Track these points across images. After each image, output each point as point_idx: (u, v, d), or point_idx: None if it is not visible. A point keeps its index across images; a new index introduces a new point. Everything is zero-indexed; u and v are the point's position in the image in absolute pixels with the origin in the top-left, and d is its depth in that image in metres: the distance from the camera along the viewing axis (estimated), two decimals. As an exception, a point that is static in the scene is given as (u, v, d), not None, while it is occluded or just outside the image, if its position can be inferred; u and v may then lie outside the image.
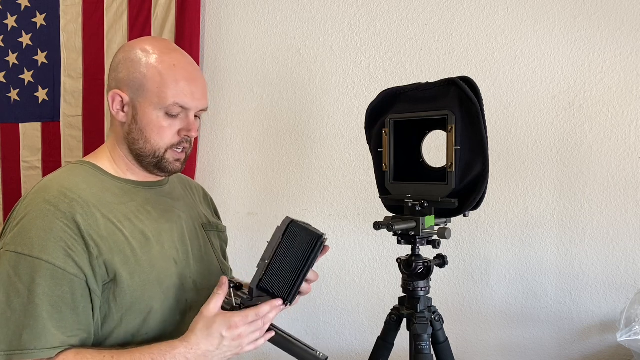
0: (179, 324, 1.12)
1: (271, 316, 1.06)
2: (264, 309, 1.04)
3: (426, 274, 1.31)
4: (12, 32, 2.41)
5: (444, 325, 1.34)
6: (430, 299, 1.34)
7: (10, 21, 2.41)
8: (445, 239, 1.24)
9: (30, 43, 2.39)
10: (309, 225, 1.08)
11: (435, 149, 1.37)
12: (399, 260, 1.34)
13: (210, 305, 1.04)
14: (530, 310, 1.79)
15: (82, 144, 2.31)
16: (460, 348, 1.80)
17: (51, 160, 2.36)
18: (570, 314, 1.75)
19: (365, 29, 1.96)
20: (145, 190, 1.19)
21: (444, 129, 1.24)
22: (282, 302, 1.07)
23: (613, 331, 1.63)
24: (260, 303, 1.05)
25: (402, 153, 1.34)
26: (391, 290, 1.89)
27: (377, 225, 1.24)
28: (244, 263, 1.79)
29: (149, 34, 2.19)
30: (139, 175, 1.19)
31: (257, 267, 1.07)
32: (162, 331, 1.10)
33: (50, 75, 2.36)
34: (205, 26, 2.18)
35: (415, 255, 1.31)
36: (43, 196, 1.05)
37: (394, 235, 1.30)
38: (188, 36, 2.13)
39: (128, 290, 1.05)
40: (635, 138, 1.67)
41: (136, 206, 1.14)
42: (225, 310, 1.05)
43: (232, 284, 1.04)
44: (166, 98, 1.10)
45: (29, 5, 2.38)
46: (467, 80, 1.22)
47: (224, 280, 1.07)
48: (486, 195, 1.24)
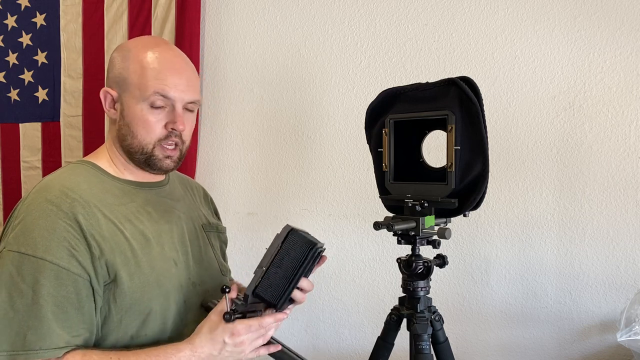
0: (178, 326, 1.12)
1: (274, 326, 1.07)
2: (268, 320, 1.06)
3: (426, 274, 1.31)
4: (12, 32, 2.41)
5: (444, 325, 1.35)
6: (430, 299, 1.34)
7: (10, 21, 2.41)
8: (445, 239, 1.24)
9: (30, 43, 2.39)
10: (308, 234, 1.07)
11: (435, 149, 1.37)
12: (399, 260, 1.34)
13: (218, 310, 1.05)
14: (530, 310, 1.79)
15: (82, 144, 2.31)
16: (460, 348, 1.80)
17: (51, 160, 2.37)
18: (570, 314, 1.75)
19: (365, 29, 1.96)
20: (146, 191, 1.19)
21: (444, 129, 1.24)
22: (275, 309, 1.07)
23: (613, 331, 1.63)
24: (255, 309, 1.06)
25: (402, 153, 1.34)
26: (391, 290, 1.89)
27: (377, 225, 1.24)
28: (243, 263, 1.79)
29: (149, 34, 2.18)
30: (137, 174, 1.18)
31: (254, 274, 1.07)
32: (161, 332, 1.10)
33: (50, 75, 2.36)
34: (205, 26, 2.18)
35: (415, 255, 1.31)
36: (45, 196, 1.05)
37: (394, 235, 1.31)
38: (188, 36, 2.13)
39: (128, 291, 1.05)
40: (635, 138, 1.68)
41: (136, 207, 1.14)
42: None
43: (227, 289, 1.05)
44: (146, 88, 1.08)
45: (29, 5, 2.38)
46: (467, 80, 1.22)
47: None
48: (486, 195, 1.24)
